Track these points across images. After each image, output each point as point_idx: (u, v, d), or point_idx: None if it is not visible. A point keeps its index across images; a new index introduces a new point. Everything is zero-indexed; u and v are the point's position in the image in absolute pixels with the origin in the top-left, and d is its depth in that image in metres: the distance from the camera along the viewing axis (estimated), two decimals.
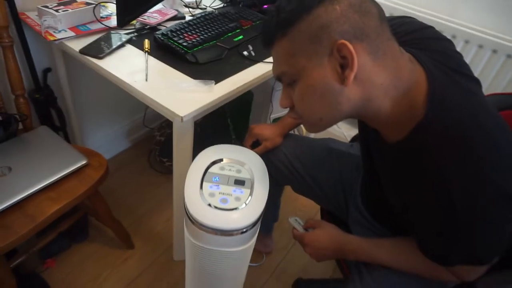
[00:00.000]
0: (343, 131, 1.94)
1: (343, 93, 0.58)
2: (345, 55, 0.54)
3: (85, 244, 1.39)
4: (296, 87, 0.61)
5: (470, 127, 0.56)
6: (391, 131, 0.64)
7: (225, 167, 0.77)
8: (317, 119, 0.63)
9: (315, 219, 0.93)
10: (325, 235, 0.88)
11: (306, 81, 0.59)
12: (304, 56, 0.57)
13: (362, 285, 0.80)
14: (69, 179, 1.02)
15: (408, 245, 0.78)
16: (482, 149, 0.55)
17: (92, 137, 1.62)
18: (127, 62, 1.03)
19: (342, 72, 0.56)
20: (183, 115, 0.87)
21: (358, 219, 0.96)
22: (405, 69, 0.59)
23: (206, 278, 0.84)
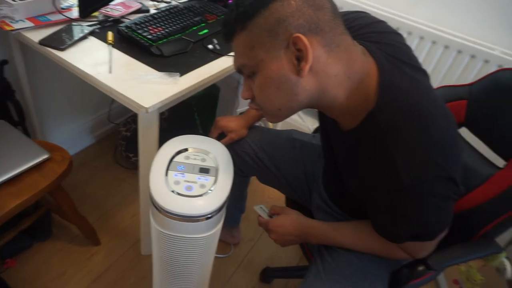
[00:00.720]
0: (308, 124, 2.00)
1: (299, 84, 0.61)
2: (301, 48, 0.57)
3: (48, 242, 1.35)
4: (255, 79, 0.64)
5: (416, 114, 0.61)
6: (346, 120, 0.68)
7: (190, 156, 0.79)
8: (275, 109, 0.66)
9: (279, 206, 0.97)
10: (289, 220, 0.91)
11: (265, 73, 0.61)
12: (262, 49, 0.60)
13: (323, 266, 0.85)
14: (30, 174, 1.00)
15: (365, 227, 0.83)
16: (426, 133, 0.60)
17: (54, 132, 1.57)
18: (90, 54, 1.02)
19: (298, 64, 0.59)
20: (148, 106, 0.88)
21: (320, 206, 1.00)
22: (358, 61, 0.63)
23: (173, 268, 0.85)
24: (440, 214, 0.65)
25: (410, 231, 0.68)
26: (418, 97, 0.63)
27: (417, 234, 0.69)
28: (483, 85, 0.96)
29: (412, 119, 0.61)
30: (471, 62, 1.46)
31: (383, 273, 0.86)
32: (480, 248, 0.87)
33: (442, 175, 0.60)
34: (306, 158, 1.07)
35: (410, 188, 0.60)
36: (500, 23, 1.41)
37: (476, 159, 0.96)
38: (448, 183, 0.61)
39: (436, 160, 0.59)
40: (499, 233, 0.87)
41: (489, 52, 1.42)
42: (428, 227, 0.68)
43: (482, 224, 0.86)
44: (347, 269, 0.83)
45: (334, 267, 0.84)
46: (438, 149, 0.60)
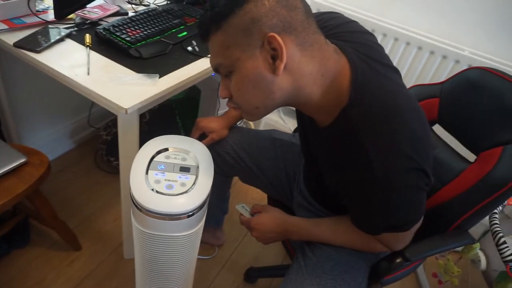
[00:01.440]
0: (289, 125, 2.02)
1: (275, 83, 0.62)
2: (275, 47, 0.59)
3: (27, 249, 1.32)
4: (232, 78, 0.65)
5: (387, 109, 0.63)
6: (322, 117, 0.70)
7: (171, 156, 0.79)
8: (253, 107, 0.68)
9: (260, 204, 0.98)
10: (270, 218, 0.93)
11: (241, 72, 0.63)
12: (238, 48, 0.61)
13: (304, 262, 0.87)
14: (7, 178, 0.98)
15: (344, 222, 0.85)
16: (397, 127, 0.63)
17: (32, 137, 1.54)
18: (67, 57, 1.01)
19: (273, 63, 0.60)
20: (127, 107, 0.88)
21: (301, 203, 1.02)
22: (331, 59, 0.65)
23: (156, 268, 0.85)
24: (413, 204, 0.68)
25: (385, 222, 0.70)
26: (389, 93, 0.66)
27: (392, 225, 0.71)
28: (454, 83, 1.00)
29: (384, 114, 0.63)
30: (443, 63, 1.52)
31: (363, 266, 0.88)
32: (454, 239, 0.90)
33: (413, 167, 0.62)
34: (287, 157, 1.09)
35: (382, 180, 0.62)
36: (469, 26, 1.48)
37: (449, 155, 1.00)
38: (419, 173, 0.63)
39: (407, 153, 0.62)
40: (472, 224, 0.91)
41: (460, 53, 1.47)
42: (402, 218, 0.70)
43: (456, 216, 0.89)
44: (328, 264, 0.85)
45: (315, 262, 0.85)
46: (409, 142, 0.62)
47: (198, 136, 1.11)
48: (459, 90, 0.98)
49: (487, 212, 0.88)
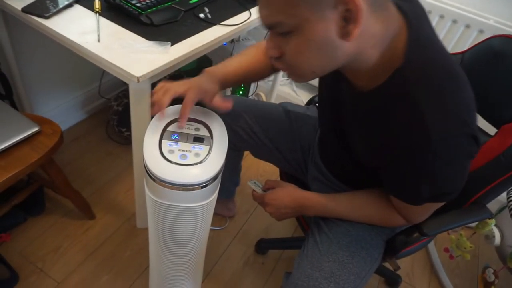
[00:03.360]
0: (302, 98, 1.99)
1: (342, 48, 0.56)
2: (351, 9, 0.52)
3: (42, 217, 1.35)
4: (292, 38, 0.57)
5: (444, 71, 0.60)
6: (368, 80, 0.64)
7: (185, 126, 0.77)
8: (309, 71, 0.62)
9: (273, 180, 0.96)
10: (285, 193, 0.90)
11: (307, 34, 0.55)
12: (308, 8, 0.53)
13: (320, 237, 0.86)
14: (20, 147, 0.98)
15: (363, 197, 0.83)
16: (454, 91, 0.60)
17: (43, 107, 1.54)
18: (77, 23, 0.98)
19: (344, 26, 0.54)
20: (139, 75, 0.85)
21: (316, 176, 1.01)
22: (393, 19, 0.59)
23: (169, 239, 0.86)
24: (461, 173, 0.65)
25: (431, 191, 0.67)
26: (445, 56, 0.62)
27: (437, 194, 0.68)
28: (476, 52, 0.95)
29: (441, 76, 0.60)
30: (466, 32, 1.45)
31: (379, 241, 0.87)
32: (472, 214, 0.88)
33: (468, 133, 0.59)
34: (301, 130, 1.06)
35: (437, 145, 0.59)
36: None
37: None
38: (472, 140, 0.60)
39: (463, 118, 0.59)
40: (489, 200, 0.88)
41: (484, 22, 1.40)
42: (449, 186, 0.67)
43: (474, 191, 0.87)
44: (344, 240, 0.83)
45: (332, 238, 0.84)
46: (465, 107, 0.60)
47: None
48: (482, 59, 0.94)
49: (506, 187, 0.86)
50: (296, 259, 0.86)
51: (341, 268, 0.78)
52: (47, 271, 1.21)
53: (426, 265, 1.50)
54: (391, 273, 1.37)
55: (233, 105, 1.04)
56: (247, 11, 1.21)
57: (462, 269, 1.52)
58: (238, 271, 1.34)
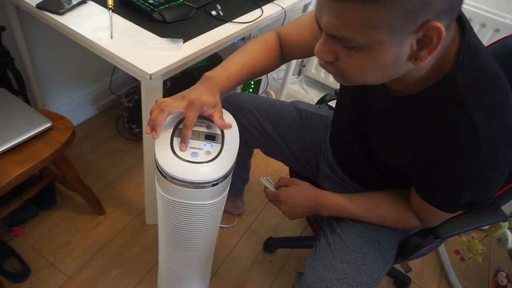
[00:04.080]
0: (312, 97, 1.97)
1: (405, 67, 0.55)
2: (431, 36, 0.49)
3: (54, 211, 1.36)
4: (356, 53, 0.53)
5: (494, 77, 0.60)
6: (412, 85, 0.62)
7: (196, 123, 0.77)
8: (361, 82, 0.59)
9: (286, 178, 0.95)
10: (300, 192, 0.89)
11: (376, 55, 0.52)
12: (387, 31, 0.49)
13: (333, 238, 0.85)
14: (34, 142, 0.99)
15: (379, 197, 0.82)
16: (503, 98, 0.59)
17: (55, 103, 1.55)
18: (90, 19, 0.98)
19: (417, 51, 0.51)
20: (151, 72, 0.85)
21: (328, 175, 1.00)
22: (453, 29, 0.57)
23: (179, 236, 0.86)
24: (498, 181, 0.64)
25: (469, 198, 0.66)
26: (491, 61, 0.61)
27: (473, 202, 0.67)
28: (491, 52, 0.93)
29: (491, 82, 0.59)
30: (482, 31, 1.43)
31: (392, 243, 0.86)
32: (486, 216, 0.87)
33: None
34: (313, 129, 1.05)
35: (488, 153, 0.58)
36: None
37: None
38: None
39: (510, 126, 0.58)
40: (504, 202, 0.87)
41: (500, 21, 1.37)
42: (486, 194, 0.66)
43: None
44: (357, 241, 0.82)
45: (344, 239, 0.83)
46: (511, 115, 0.59)
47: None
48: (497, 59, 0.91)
49: None
50: (308, 260, 0.85)
51: (354, 269, 0.77)
52: (57, 265, 1.22)
53: (436, 267, 1.48)
54: (400, 275, 1.35)
55: (245, 102, 1.05)
56: (259, 9, 1.20)
57: (473, 271, 1.50)
58: (246, 269, 1.34)
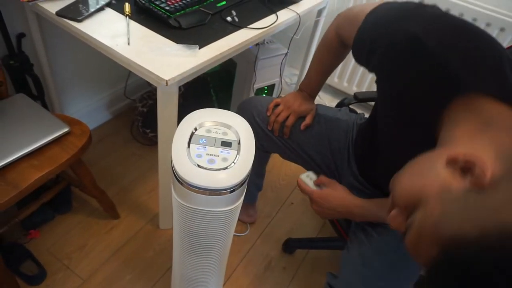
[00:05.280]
0: (325, 102, 1.96)
1: None
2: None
3: (69, 215, 1.38)
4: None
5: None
6: None
7: (212, 130, 0.77)
8: None
9: (328, 178, 0.95)
10: (336, 196, 0.90)
11: None
12: None
13: (368, 240, 0.86)
14: (51, 147, 1.01)
15: None
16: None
17: (71, 107, 1.58)
18: (108, 26, 1.00)
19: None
20: (168, 78, 0.86)
21: (353, 184, 0.99)
22: None
23: (194, 242, 0.86)
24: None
25: None
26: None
27: None
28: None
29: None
30: (486, 30, 1.40)
31: None
32: None
33: None
34: (332, 134, 1.04)
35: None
36: None
37: None
38: None
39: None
40: None
41: (505, 20, 1.35)
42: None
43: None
44: (393, 242, 0.83)
45: (379, 240, 0.84)
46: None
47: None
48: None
49: None
50: (344, 259, 0.88)
51: (391, 270, 0.79)
52: (73, 269, 1.23)
53: None
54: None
55: (263, 106, 1.07)
56: (273, 14, 1.20)
57: None
58: (259, 275, 1.33)
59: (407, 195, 0.50)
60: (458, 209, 0.44)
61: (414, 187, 0.49)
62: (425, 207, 0.47)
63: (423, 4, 0.64)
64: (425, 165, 0.51)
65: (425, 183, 0.48)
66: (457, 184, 0.44)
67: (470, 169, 0.44)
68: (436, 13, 0.62)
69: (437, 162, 0.48)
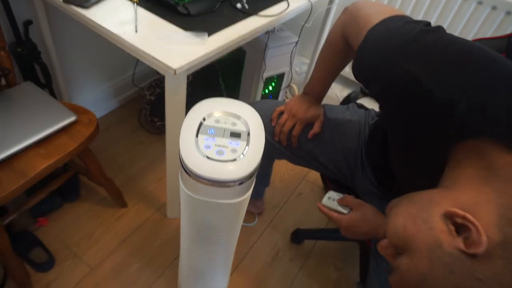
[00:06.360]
0: (336, 91, 1.93)
1: None
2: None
3: (78, 203, 1.38)
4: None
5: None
6: None
7: (220, 120, 0.76)
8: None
9: (353, 198, 0.86)
10: (364, 221, 0.82)
11: None
12: None
13: None
14: (59, 136, 1.00)
15: None
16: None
17: (79, 95, 1.57)
18: (115, 13, 0.98)
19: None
20: (176, 67, 0.84)
21: (370, 190, 0.95)
22: None
23: (202, 233, 0.85)
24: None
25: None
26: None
27: None
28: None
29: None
30: (492, 14, 1.36)
31: None
32: None
33: None
34: (343, 137, 0.98)
35: None
36: None
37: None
38: None
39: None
40: None
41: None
42: None
43: None
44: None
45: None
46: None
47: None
48: None
49: None
50: (374, 273, 0.86)
51: None
52: (81, 256, 1.24)
53: None
54: None
55: (268, 113, 1.01)
56: (285, 1, 1.17)
57: None
58: (267, 265, 1.33)
59: (399, 236, 0.50)
60: (444, 270, 0.44)
61: (407, 232, 0.49)
62: (413, 256, 0.47)
63: (426, 30, 0.58)
64: (422, 209, 0.50)
65: (418, 230, 0.48)
66: (449, 242, 0.44)
67: (467, 229, 0.43)
68: (438, 45, 0.56)
69: (434, 211, 0.48)
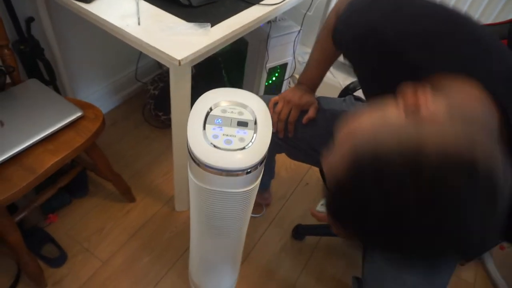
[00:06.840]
0: (339, 80, 1.92)
1: None
2: None
3: (86, 199, 1.39)
4: None
5: None
6: None
7: (227, 110, 0.75)
8: None
9: None
10: None
11: None
12: None
13: None
14: (66, 132, 1.00)
15: None
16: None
17: (83, 92, 1.57)
18: (117, 6, 0.97)
19: None
20: (180, 58, 0.84)
21: None
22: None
23: (211, 223, 0.85)
24: None
25: None
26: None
27: None
28: None
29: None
30: (493, 0, 1.34)
31: None
32: None
33: None
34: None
35: None
36: None
37: None
38: None
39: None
40: None
41: None
42: None
43: None
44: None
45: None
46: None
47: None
48: None
49: None
50: (368, 270, 0.84)
51: (424, 281, 0.76)
52: (92, 251, 1.25)
53: None
54: None
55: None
56: None
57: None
58: (275, 256, 1.33)
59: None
60: (389, 130, 0.45)
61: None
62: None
63: None
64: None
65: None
66: (396, 111, 0.46)
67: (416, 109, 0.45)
68: (403, 1, 0.62)
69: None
